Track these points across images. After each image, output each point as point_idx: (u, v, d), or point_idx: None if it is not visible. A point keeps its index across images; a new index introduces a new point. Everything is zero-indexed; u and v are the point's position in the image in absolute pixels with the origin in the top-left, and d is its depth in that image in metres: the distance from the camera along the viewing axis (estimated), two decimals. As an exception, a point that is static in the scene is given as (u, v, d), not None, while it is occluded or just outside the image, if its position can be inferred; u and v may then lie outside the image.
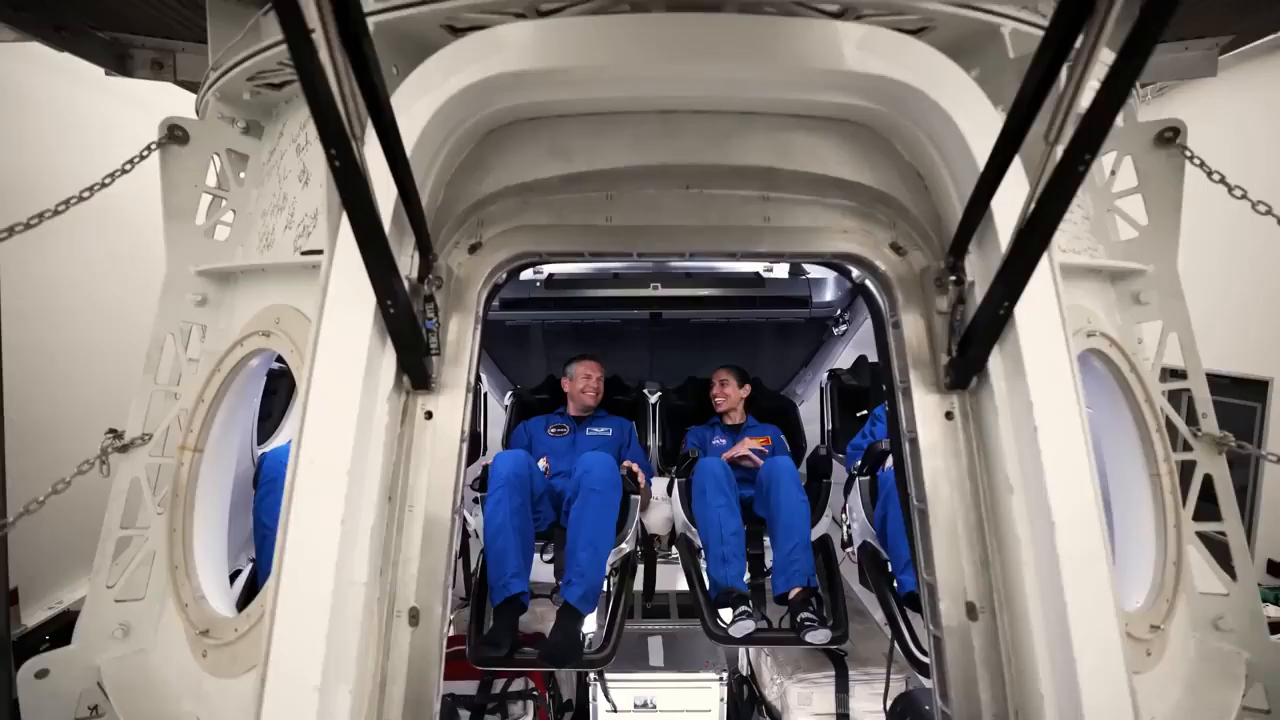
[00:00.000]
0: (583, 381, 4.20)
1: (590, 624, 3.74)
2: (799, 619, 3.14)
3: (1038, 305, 1.70)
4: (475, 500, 3.72)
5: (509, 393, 4.64)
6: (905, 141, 1.95)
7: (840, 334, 4.73)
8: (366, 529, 1.72)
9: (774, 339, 4.99)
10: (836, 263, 2.33)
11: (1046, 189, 1.41)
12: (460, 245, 2.01)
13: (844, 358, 4.82)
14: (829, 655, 3.85)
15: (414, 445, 1.90)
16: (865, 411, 4.28)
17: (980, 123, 1.76)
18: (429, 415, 1.91)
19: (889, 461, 3.50)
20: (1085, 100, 1.19)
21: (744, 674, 4.29)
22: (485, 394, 4.30)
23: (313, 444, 1.67)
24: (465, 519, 3.83)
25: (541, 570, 3.59)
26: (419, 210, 1.74)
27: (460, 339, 1.97)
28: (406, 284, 1.80)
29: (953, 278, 1.83)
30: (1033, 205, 1.46)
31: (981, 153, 1.71)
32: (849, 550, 3.73)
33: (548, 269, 4.44)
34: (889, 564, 3.32)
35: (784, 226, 2.00)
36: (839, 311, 4.55)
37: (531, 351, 4.95)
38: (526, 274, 4.44)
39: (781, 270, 4.47)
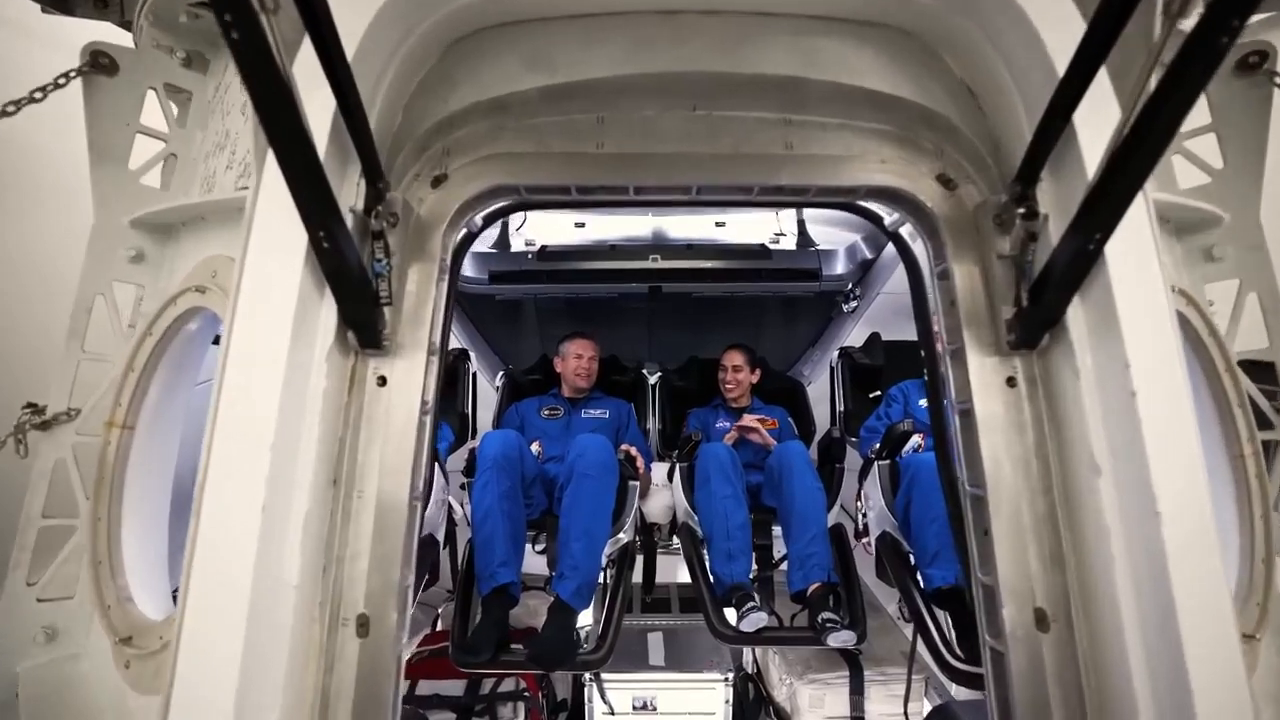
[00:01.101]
0: (574, 362, 3.83)
1: (586, 617, 3.40)
2: (820, 619, 2.78)
3: (1133, 241, 1.33)
4: (462, 486, 3.37)
5: (500, 373, 4.27)
6: (958, 49, 1.57)
7: (850, 310, 4.34)
8: (299, 518, 1.35)
9: (780, 316, 4.61)
10: (863, 210, 1.96)
11: (1166, 83, 1.04)
12: (422, 178, 1.63)
13: (854, 336, 4.44)
14: (842, 654, 3.50)
15: (365, 417, 1.53)
16: (879, 392, 3.91)
17: (1058, 17, 1.38)
18: (382, 381, 1.54)
19: (910, 444, 3.14)
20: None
21: (750, 672, 3.95)
22: (474, 373, 3.93)
23: (230, 414, 1.30)
24: (452, 506, 3.48)
25: (534, 562, 3.24)
26: (365, 129, 1.37)
27: (422, 291, 1.59)
28: (350, 218, 1.43)
29: (1020, 210, 1.45)
30: (1137, 111, 1.09)
31: (1060, 55, 1.34)
32: (864, 541, 3.37)
33: (540, 239, 4.06)
34: (911, 556, 2.96)
35: (810, 154, 1.62)
36: (850, 286, 4.17)
37: (525, 329, 4.58)
38: (518, 245, 4.07)
39: (789, 241, 4.09)
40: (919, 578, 2.87)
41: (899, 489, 2.99)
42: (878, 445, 3.23)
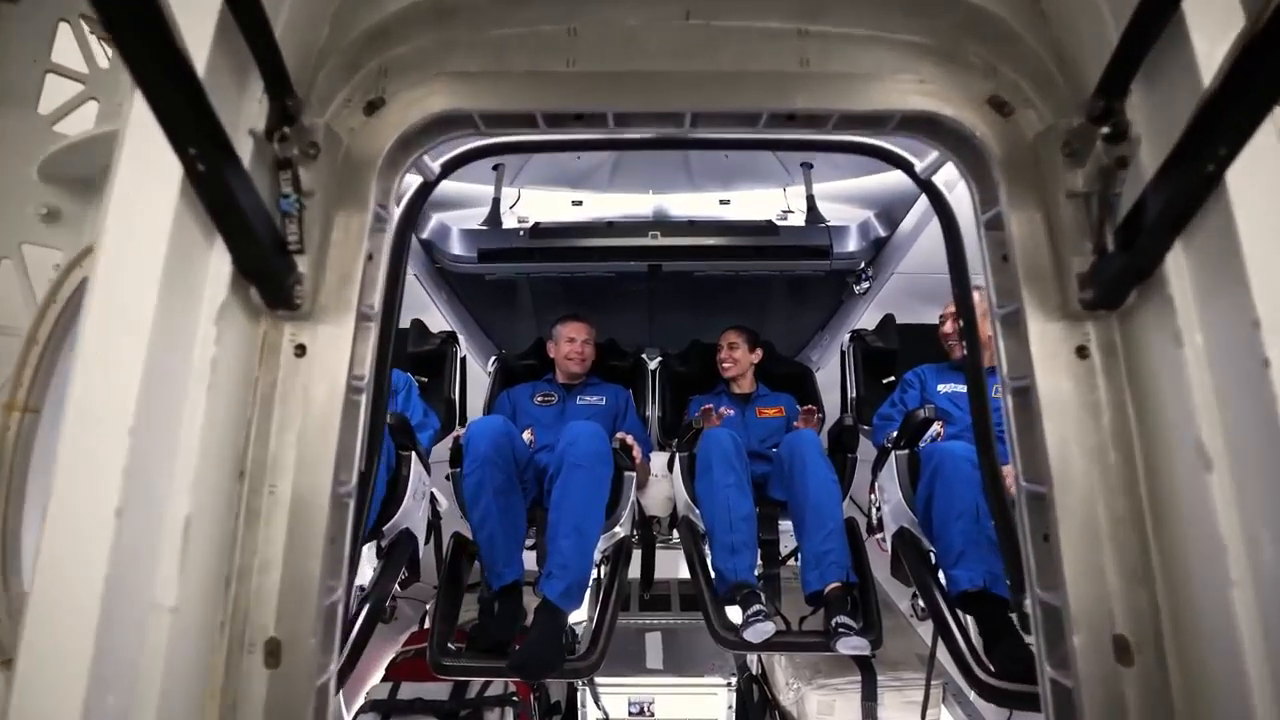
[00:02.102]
0: (567, 346, 3.50)
1: (580, 612, 3.10)
2: (834, 623, 2.45)
3: (1265, 166, 0.98)
4: (447, 477, 3.06)
5: (493, 358, 3.95)
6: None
7: (862, 292, 3.98)
8: (177, 523, 1.03)
9: (787, 299, 4.26)
10: (889, 154, 1.62)
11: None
12: (353, 104, 1.29)
13: (865, 319, 4.08)
14: (854, 657, 3.17)
15: (280, 394, 1.21)
16: (892, 377, 3.56)
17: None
18: (301, 351, 1.21)
19: (931, 431, 2.80)
20: None
21: (754, 673, 3.62)
22: (464, 358, 3.60)
23: (84, 394, 0.98)
24: (435, 497, 3.16)
25: (526, 558, 2.93)
26: (265, 30, 1.04)
27: (353, 243, 1.26)
28: (249, 143, 1.10)
29: (1104, 131, 1.10)
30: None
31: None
32: (878, 537, 3.03)
33: (534, 218, 3.73)
34: (932, 555, 2.62)
35: (830, 72, 1.27)
36: (862, 265, 3.81)
37: (519, 312, 4.24)
38: (509, 222, 3.74)
39: (798, 219, 3.74)
40: (940, 578, 2.54)
41: (919, 481, 2.65)
42: (894, 433, 2.89)
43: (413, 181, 1.57)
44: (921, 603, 3.42)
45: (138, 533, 0.97)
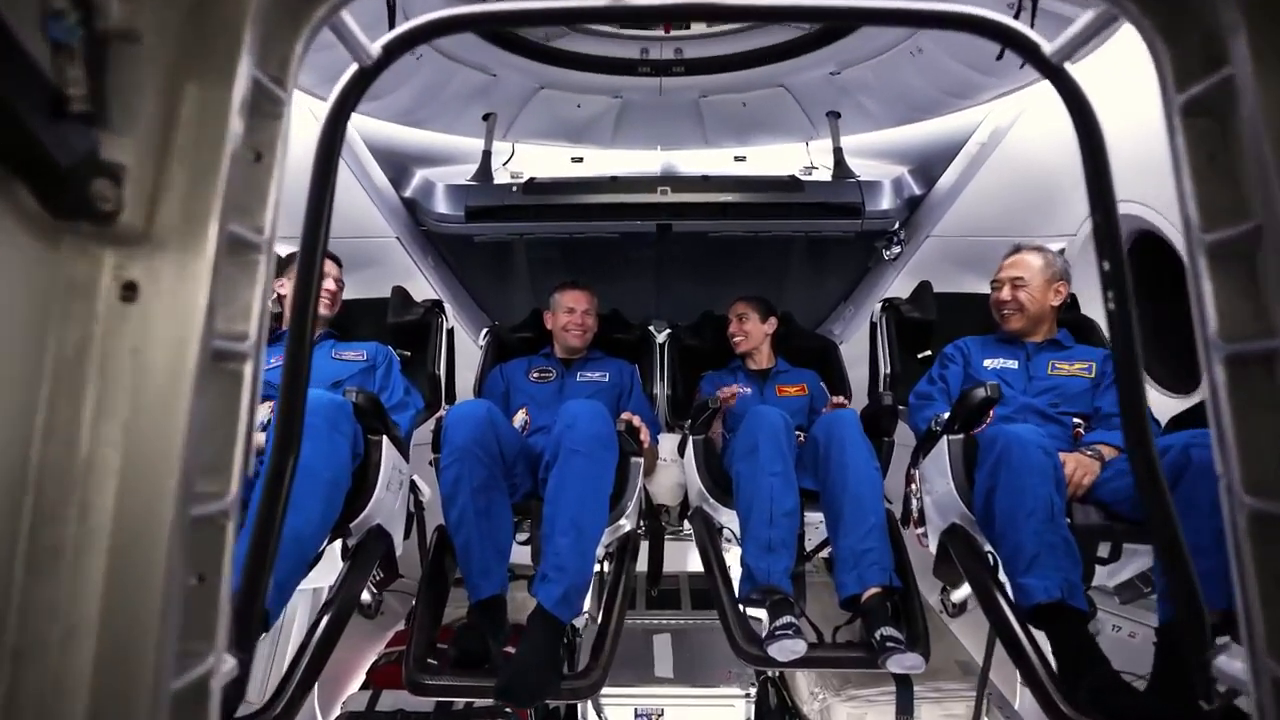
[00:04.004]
0: (566, 316, 3.03)
1: (584, 602, 2.68)
2: (880, 636, 2.02)
3: None
4: (431, 463, 2.61)
5: (485, 330, 3.48)
6: None
7: (893, 257, 3.50)
8: None
9: (808, 265, 3.78)
10: (1010, 30, 1.13)
11: None
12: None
13: (896, 288, 3.60)
14: (887, 665, 2.74)
15: (96, 359, 0.74)
16: (929, 352, 3.08)
17: None
18: (130, 293, 0.75)
19: (993, 413, 2.34)
20: None
21: (771, 675, 3.20)
22: (451, 330, 3.13)
23: None
24: (418, 487, 2.72)
25: (518, 551, 2.50)
26: None
27: (211, 125, 0.78)
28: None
29: None
30: None
31: None
32: (919, 532, 2.59)
33: (527, 170, 3.24)
34: (991, 556, 2.17)
35: None
36: (896, 225, 3.32)
37: (514, 279, 3.77)
38: (501, 176, 3.25)
39: (825, 172, 3.25)
40: (1004, 584, 2.09)
41: (978, 470, 2.19)
42: (943, 414, 2.42)
43: (344, 69, 1.09)
44: (954, 598, 3.01)
45: None
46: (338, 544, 2.20)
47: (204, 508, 0.78)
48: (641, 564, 2.90)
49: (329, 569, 2.20)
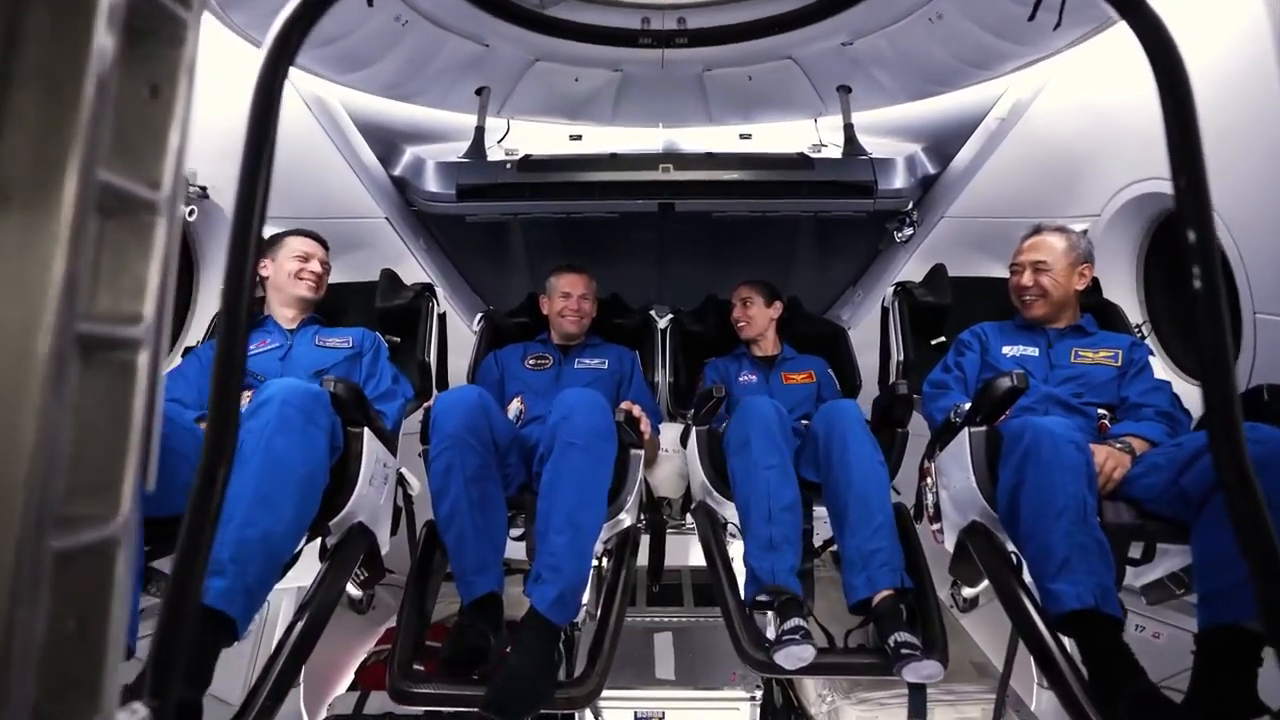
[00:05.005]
0: (561, 301, 2.85)
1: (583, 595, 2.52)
2: (894, 642, 1.86)
3: None
4: (420, 455, 2.45)
5: (479, 315, 3.30)
6: None
7: (904, 239, 3.30)
8: None
9: (816, 248, 3.59)
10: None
11: None
12: None
13: (907, 271, 3.41)
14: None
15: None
16: (943, 338, 2.90)
17: None
18: None
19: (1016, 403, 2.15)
20: None
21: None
22: (443, 315, 2.95)
23: None
24: (404, 478, 2.55)
25: (513, 548, 2.34)
26: None
27: (63, 48, 0.59)
28: None
29: None
30: None
31: None
32: (934, 528, 2.42)
33: (523, 148, 3.04)
34: (1015, 556, 2.00)
35: None
36: (909, 205, 3.12)
37: (509, 262, 3.58)
38: (495, 154, 3.06)
39: (834, 150, 3.05)
40: (1030, 587, 1.92)
41: (1002, 465, 2.01)
42: (963, 405, 2.24)
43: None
44: (965, 593, 2.85)
45: None
46: (316, 544, 2.04)
47: (76, 537, 0.60)
48: (642, 558, 2.75)
49: (314, 567, 2.05)
